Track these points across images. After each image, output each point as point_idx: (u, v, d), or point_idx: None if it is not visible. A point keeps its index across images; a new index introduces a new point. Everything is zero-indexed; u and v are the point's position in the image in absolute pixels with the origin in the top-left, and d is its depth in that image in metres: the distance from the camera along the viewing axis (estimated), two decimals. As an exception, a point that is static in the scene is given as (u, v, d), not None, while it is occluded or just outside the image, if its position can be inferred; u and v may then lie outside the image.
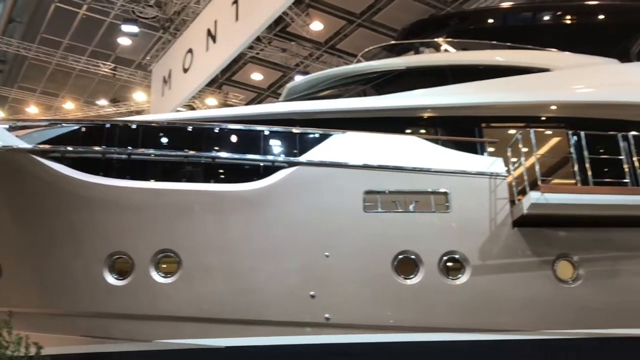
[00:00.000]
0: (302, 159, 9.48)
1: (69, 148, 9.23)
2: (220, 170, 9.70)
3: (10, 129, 9.18)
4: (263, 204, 9.17)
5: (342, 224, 9.23)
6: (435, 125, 10.93)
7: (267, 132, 9.75)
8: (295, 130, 9.83)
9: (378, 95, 11.37)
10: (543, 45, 12.11)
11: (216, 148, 9.63)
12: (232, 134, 9.92)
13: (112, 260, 9.11)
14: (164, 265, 9.10)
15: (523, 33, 12.89)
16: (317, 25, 22.46)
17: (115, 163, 9.43)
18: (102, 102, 29.69)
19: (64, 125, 9.68)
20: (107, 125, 9.80)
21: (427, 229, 9.34)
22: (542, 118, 10.89)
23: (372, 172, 9.48)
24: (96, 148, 9.36)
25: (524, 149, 9.47)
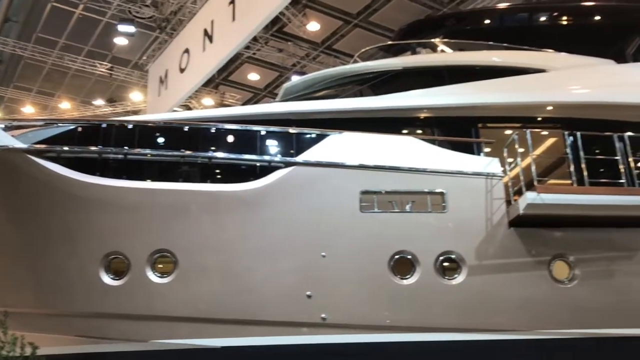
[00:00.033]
0: (299, 159, 9.47)
1: (64, 148, 9.22)
2: (217, 171, 9.69)
3: (5, 128, 9.17)
4: (259, 204, 9.17)
5: (338, 224, 9.23)
6: (431, 126, 10.92)
7: (263, 132, 9.75)
8: (291, 131, 9.83)
9: (375, 96, 11.37)
10: (539, 46, 12.13)
11: (213, 148, 9.60)
12: (229, 134, 9.90)
13: (108, 260, 9.09)
14: (160, 265, 9.09)
15: (519, 34, 12.91)
16: (313, 26, 22.49)
17: (112, 163, 9.43)
18: (99, 102, 29.66)
19: (60, 125, 9.66)
20: (104, 125, 9.77)
21: (423, 229, 9.35)
22: (539, 118, 10.91)
23: (369, 173, 9.48)
24: (92, 148, 9.35)
25: (520, 150, 9.49)
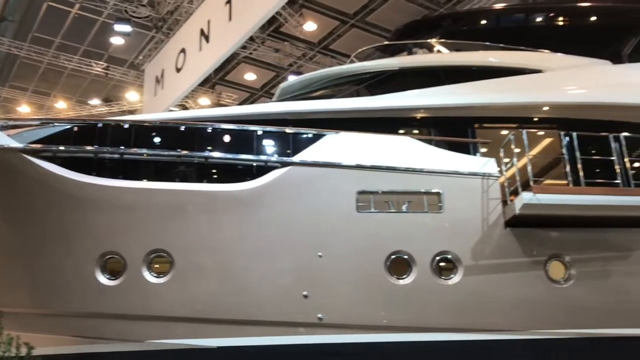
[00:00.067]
0: (295, 159, 9.47)
1: (60, 147, 9.20)
2: (213, 170, 9.68)
3: (1, 128, 9.14)
4: (256, 204, 9.16)
5: (335, 224, 9.24)
6: (428, 126, 10.95)
7: (260, 132, 9.74)
8: (288, 131, 9.82)
9: (371, 96, 11.37)
10: (535, 47, 12.15)
11: (209, 148, 9.60)
12: (225, 133, 9.89)
13: (104, 260, 9.07)
14: (156, 265, 9.08)
15: (516, 34, 12.92)
16: (310, 26, 22.47)
17: (108, 163, 9.40)
18: (95, 101, 29.58)
19: (56, 124, 9.64)
20: (100, 125, 9.76)
21: (419, 229, 9.36)
22: (535, 119, 10.93)
23: (365, 173, 9.49)
24: (88, 148, 9.32)
25: (517, 150, 9.50)
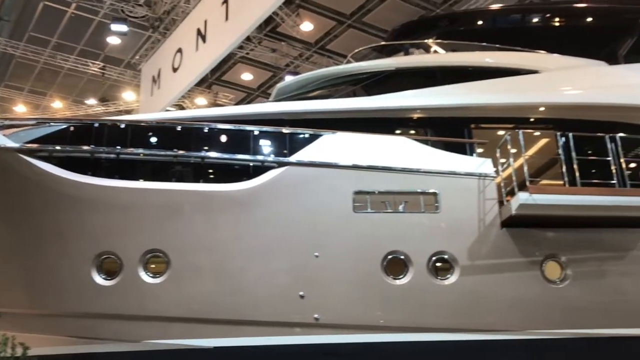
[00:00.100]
0: (292, 159, 9.47)
1: (57, 147, 9.17)
2: (210, 170, 9.67)
3: (-3, 127, 9.13)
4: (252, 204, 9.15)
5: (331, 224, 9.24)
6: (424, 126, 10.96)
7: (256, 132, 9.73)
8: (285, 131, 9.82)
9: (368, 96, 11.38)
10: (532, 47, 12.16)
11: (205, 148, 9.58)
12: (222, 133, 9.88)
13: (100, 260, 9.05)
14: (152, 266, 9.06)
15: (512, 35, 12.93)
16: (307, 26, 22.49)
17: (104, 162, 9.39)
18: (91, 101, 29.53)
19: (52, 124, 9.60)
20: (96, 125, 9.73)
21: (416, 230, 9.36)
22: (531, 119, 10.95)
23: (362, 173, 9.49)
24: (84, 147, 9.30)
25: (513, 150, 9.53)
